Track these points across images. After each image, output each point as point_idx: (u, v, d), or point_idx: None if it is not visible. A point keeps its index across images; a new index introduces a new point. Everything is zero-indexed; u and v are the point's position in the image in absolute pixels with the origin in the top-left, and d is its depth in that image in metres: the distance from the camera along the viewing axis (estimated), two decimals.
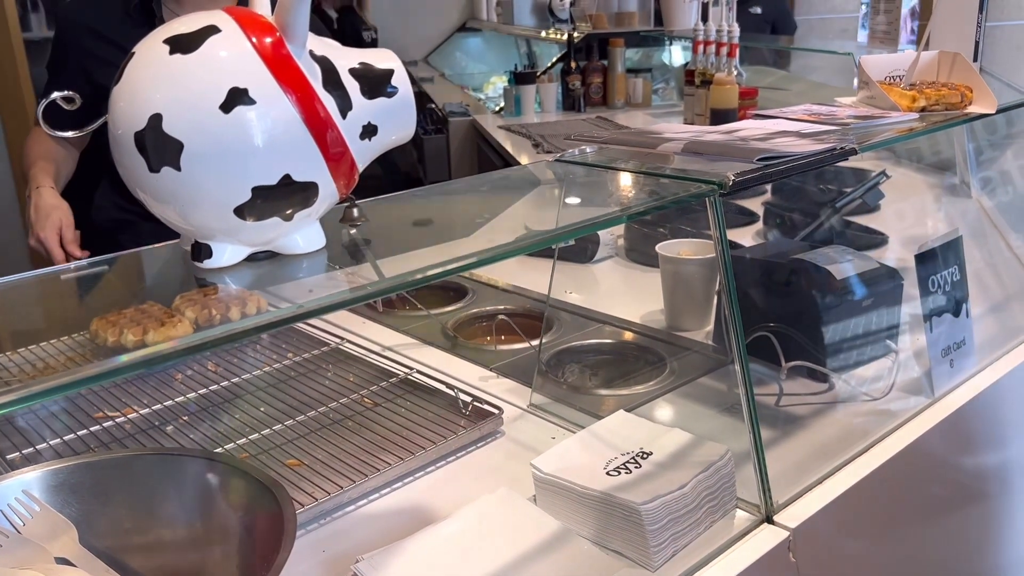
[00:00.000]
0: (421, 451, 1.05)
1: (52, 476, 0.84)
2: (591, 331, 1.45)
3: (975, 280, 1.32)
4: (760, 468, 0.95)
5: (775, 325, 1.18)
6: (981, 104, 1.31)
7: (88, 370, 0.58)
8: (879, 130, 1.22)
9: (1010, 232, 1.73)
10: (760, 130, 1.20)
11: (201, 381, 1.26)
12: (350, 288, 0.76)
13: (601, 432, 1.01)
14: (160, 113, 0.70)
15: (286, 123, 0.72)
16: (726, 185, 0.95)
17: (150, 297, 0.94)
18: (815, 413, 1.16)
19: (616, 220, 0.97)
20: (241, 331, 0.64)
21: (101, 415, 1.17)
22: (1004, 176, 1.89)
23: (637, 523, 0.85)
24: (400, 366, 1.28)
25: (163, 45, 0.72)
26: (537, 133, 3.18)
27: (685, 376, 1.27)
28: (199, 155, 0.70)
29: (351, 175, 0.78)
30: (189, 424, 1.14)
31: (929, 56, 1.40)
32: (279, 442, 1.09)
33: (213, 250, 0.78)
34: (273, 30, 0.73)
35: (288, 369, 1.30)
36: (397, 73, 0.78)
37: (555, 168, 1.18)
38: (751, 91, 2.40)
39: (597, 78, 3.65)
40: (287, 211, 0.76)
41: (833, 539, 1.02)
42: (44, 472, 0.84)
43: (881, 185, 1.74)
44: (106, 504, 0.83)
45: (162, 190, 0.73)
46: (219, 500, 0.83)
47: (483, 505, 0.92)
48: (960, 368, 1.24)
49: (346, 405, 1.18)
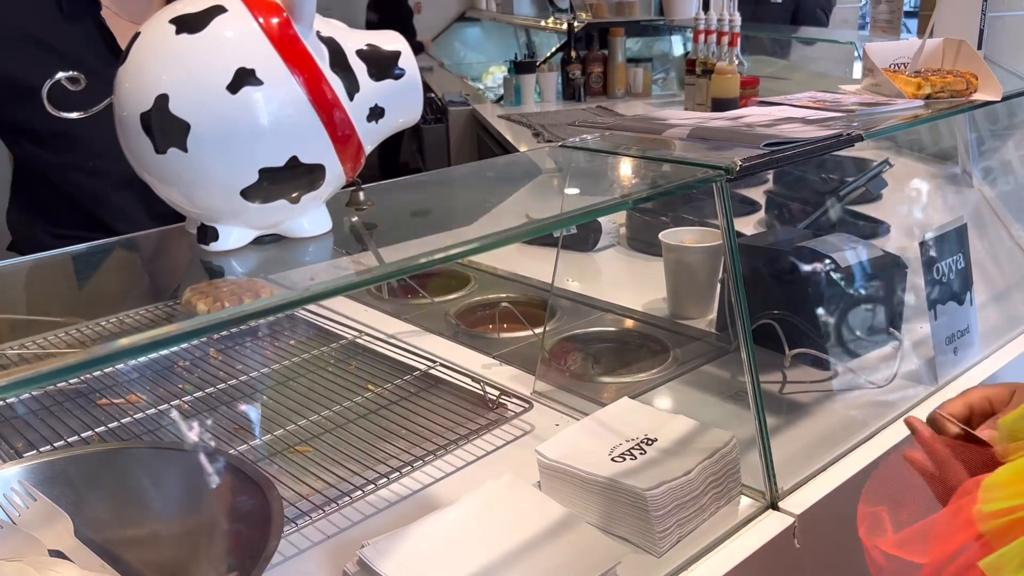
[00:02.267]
0: (434, 444, 1.05)
1: (48, 467, 0.84)
2: (594, 319, 1.45)
3: (978, 269, 1.32)
4: (765, 455, 0.95)
5: (779, 313, 1.18)
6: (986, 91, 1.31)
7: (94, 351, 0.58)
8: (884, 117, 1.21)
9: (1012, 222, 1.73)
10: (765, 116, 1.19)
11: (220, 376, 1.25)
12: (356, 272, 0.76)
13: (605, 419, 1.01)
14: (166, 94, 0.69)
15: (293, 104, 0.71)
16: (733, 171, 0.95)
17: (155, 280, 0.94)
18: (819, 401, 1.16)
19: (621, 205, 0.96)
20: (254, 312, 0.63)
21: (105, 402, 1.17)
22: (1006, 166, 1.89)
23: (642, 509, 0.85)
24: (422, 360, 1.27)
25: (169, 25, 0.71)
26: (537, 123, 3.17)
27: (688, 364, 1.27)
28: (206, 136, 0.70)
29: (358, 158, 0.77)
30: (219, 421, 1.13)
31: (934, 44, 1.40)
32: (305, 437, 1.08)
33: (219, 233, 0.77)
34: (280, 10, 0.72)
35: (307, 363, 1.29)
36: (404, 55, 0.78)
37: (558, 155, 1.18)
38: (752, 80, 2.40)
39: (597, 68, 3.64)
40: (294, 194, 0.75)
41: (837, 526, 1.02)
42: (40, 463, 0.84)
43: (884, 174, 1.73)
44: (99, 497, 0.82)
45: (168, 172, 0.73)
46: (209, 493, 0.83)
47: (488, 491, 0.92)
48: (964, 356, 1.24)
49: (370, 399, 1.17)
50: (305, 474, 0.99)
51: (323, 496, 0.95)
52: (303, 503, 0.94)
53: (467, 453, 1.05)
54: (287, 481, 0.98)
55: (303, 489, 0.96)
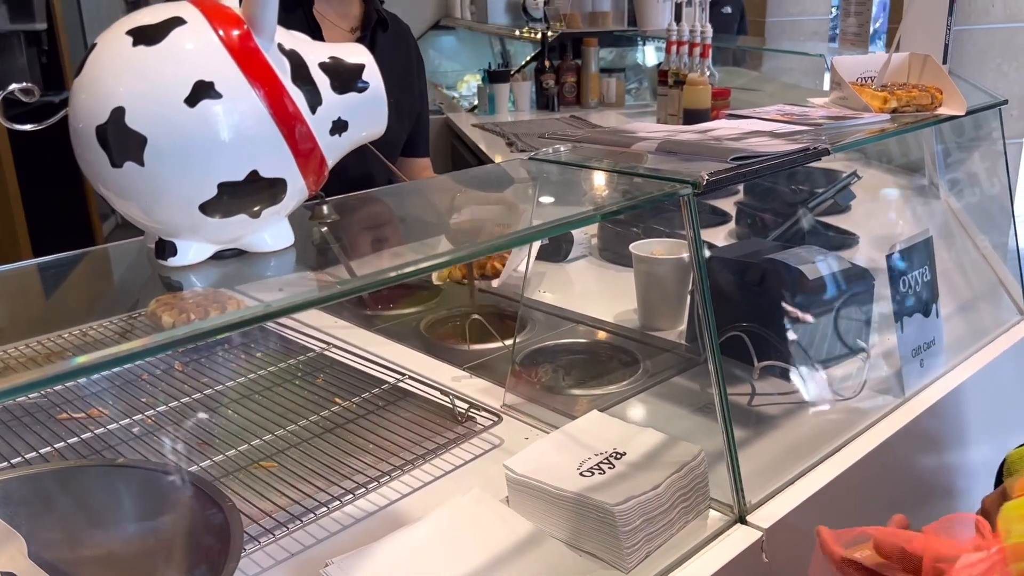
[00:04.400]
0: (401, 459, 1.04)
1: (2, 487, 0.82)
2: (565, 331, 1.44)
3: (944, 280, 1.33)
4: (733, 468, 0.95)
5: (748, 325, 1.18)
6: (951, 106, 1.32)
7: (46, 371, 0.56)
8: (851, 131, 1.22)
9: (977, 233, 1.75)
10: (734, 130, 1.20)
11: (184, 390, 1.22)
12: (319, 287, 0.75)
13: (575, 432, 1.00)
14: (123, 106, 0.68)
15: (254, 118, 0.70)
16: (700, 184, 0.95)
17: (115, 295, 0.92)
18: (787, 412, 1.16)
19: (590, 219, 0.96)
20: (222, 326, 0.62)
21: (66, 416, 1.14)
22: (971, 178, 1.91)
23: (610, 524, 0.85)
24: (391, 372, 1.26)
25: (126, 36, 0.70)
26: (511, 132, 3.17)
27: (658, 376, 1.27)
28: (163, 150, 0.69)
29: (320, 171, 0.76)
30: (182, 435, 1.11)
31: (900, 58, 1.41)
32: (270, 452, 1.06)
33: (178, 248, 0.76)
34: (241, 22, 0.71)
35: (273, 376, 1.27)
36: (368, 68, 0.77)
37: (529, 166, 1.17)
38: (724, 92, 2.41)
39: (571, 77, 3.65)
40: (254, 208, 0.74)
41: (806, 539, 1.01)
42: None
43: (852, 186, 1.75)
44: (54, 516, 0.81)
45: (125, 186, 0.71)
46: (166, 511, 0.81)
47: (455, 507, 0.91)
48: (930, 368, 1.25)
49: (337, 413, 1.16)
50: (269, 490, 0.98)
51: (287, 513, 0.94)
52: (266, 520, 0.92)
53: (435, 468, 1.04)
54: (250, 498, 0.96)
55: (266, 506, 0.95)
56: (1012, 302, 1.56)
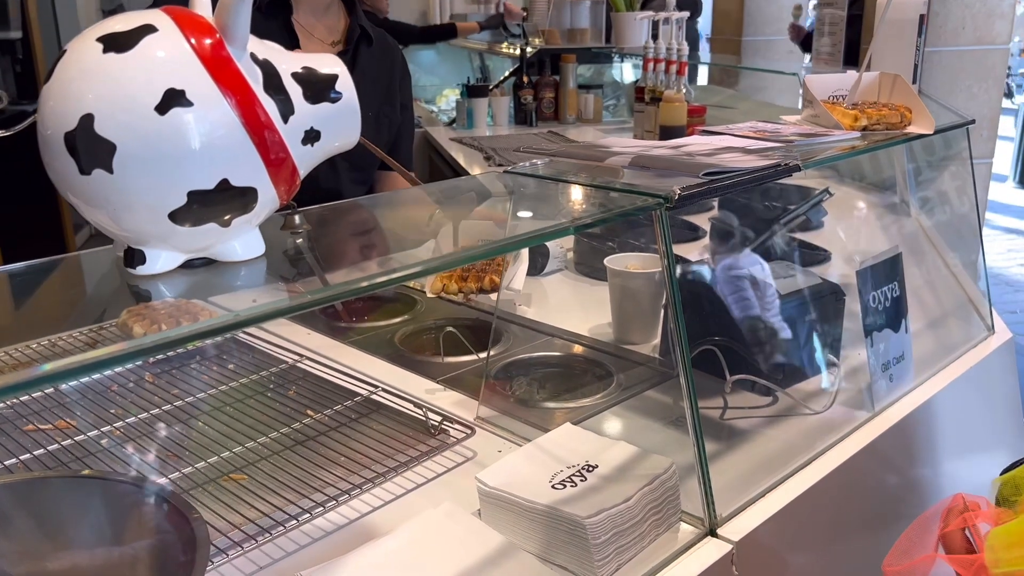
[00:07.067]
0: (373, 471, 1.03)
1: None
2: (539, 344, 1.44)
3: (913, 296, 1.35)
4: (704, 481, 0.95)
5: (720, 339, 1.19)
6: (920, 125, 1.35)
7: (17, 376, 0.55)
8: (822, 148, 1.24)
9: (947, 250, 1.78)
10: (707, 146, 1.21)
11: (155, 401, 1.21)
12: (289, 296, 0.75)
13: (547, 445, 1.00)
14: (92, 113, 0.68)
15: (225, 126, 0.70)
16: (672, 199, 0.96)
17: (84, 304, 0.91)
18: (759, 426, 1.17)
19: (563, 232, 0.97)
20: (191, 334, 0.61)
21: (32, 428, 1.13)
22: (941, 196, 1.94)
23: (582, 537, 0.85)
24: (364, 385, 1.25)
25: (96, 43, 0.69)
26: (489, 146, 3.18)
27: (632, 389, 1.27)
28: (132, 157, 0.68)
29: (292, 181, 0.76)
30: (152, 448, 1.10)
31: (871, 77, 1.43)
32: (240, 464, 1.05)
33: (147, 256, 0.75)
34: (213, 31, 0.71)
35: (245, 388, 1.26)
36: (341, 78, 0.77)
37: (505, 179, 1.18)
38: (699, 109, 2.43)
39: (549, 93, 3.67)
40: (225, 217, 0.74)
41: (776, 552, 1.02)
42: None
43: (824, 202, 1.77)
44: (15, 529, 0.79)
45: (93, 194, 0.71)
46: (131, 524, 0.80)
47: (426, 520, 0.90)
48: (899, 382, 1.26)
49: (309, 425, 1.15)
50: (238, 503, 0.97)
51: (256, 526, 0.93)
52: (235, 533, 0.91)
53: (407, 480, 1.04)
54: (219, 510, 0.95)
55: (236, 518, 0.94)
56: (980, 319, 1.58)
